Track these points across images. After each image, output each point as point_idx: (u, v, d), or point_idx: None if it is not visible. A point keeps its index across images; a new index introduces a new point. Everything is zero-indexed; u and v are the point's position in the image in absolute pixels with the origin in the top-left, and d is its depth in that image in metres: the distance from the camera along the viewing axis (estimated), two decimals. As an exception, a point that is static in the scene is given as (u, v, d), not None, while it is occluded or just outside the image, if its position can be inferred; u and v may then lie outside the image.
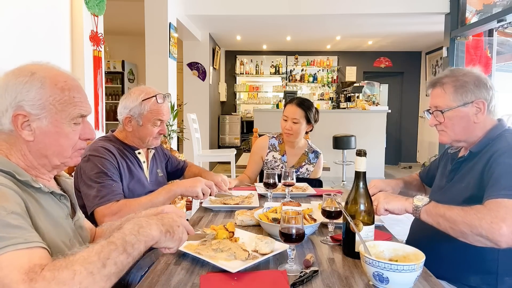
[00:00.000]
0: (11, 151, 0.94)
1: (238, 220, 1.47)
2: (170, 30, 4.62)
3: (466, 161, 1.40)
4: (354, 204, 1.18)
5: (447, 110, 1.37)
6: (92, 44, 2.75)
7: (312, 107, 2.40)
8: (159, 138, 1.78)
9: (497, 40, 4.84)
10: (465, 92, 1.34)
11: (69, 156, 0.99)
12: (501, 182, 1.16)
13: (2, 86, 0.91)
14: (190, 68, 6.77)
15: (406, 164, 8.47)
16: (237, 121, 8.76)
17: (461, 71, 1.39)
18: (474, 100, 1.34)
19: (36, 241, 0.78)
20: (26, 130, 0.92)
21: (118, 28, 6.99)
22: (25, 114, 0.91)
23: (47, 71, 0.94)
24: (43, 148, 0.94)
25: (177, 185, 1.65)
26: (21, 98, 0.90)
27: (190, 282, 0.99)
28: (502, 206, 1.09)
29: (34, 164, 0.96)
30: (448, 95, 1.37)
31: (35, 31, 2.24)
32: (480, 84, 1.35)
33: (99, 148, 1.62)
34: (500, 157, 1.23)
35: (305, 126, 2.37)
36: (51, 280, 0.70)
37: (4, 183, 0.84)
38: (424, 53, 8.39)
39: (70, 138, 0.97)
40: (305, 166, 2.48)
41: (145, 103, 1.67)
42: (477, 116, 1.35)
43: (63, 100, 0.94)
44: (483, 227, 1.08)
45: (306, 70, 9.02)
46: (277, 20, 5.86)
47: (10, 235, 0.74)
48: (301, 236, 1.08)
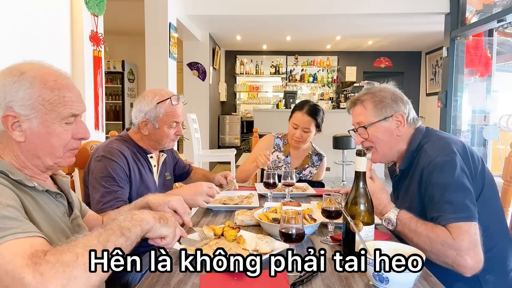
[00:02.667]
0: (4, 152, 0.93)
1: (238, 220, 1.47)
2: (170, 30, 4.62)
3: (400, 180, 1.46)
4: (354, 204, 1.18)
5: (369, 125, 1.42)
6: (92, 44, 2.75)
7: (321, 112, 2.36)
8: (176, 140, 1.77)
9: (497, 40, 4.84)
10: (383, 107, 1.41)
11: (61, 156, 0.98)
12: (445, 208, 1.20)
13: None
14: (190, 68, 6.77)
15: (406, 164, 8.46)
16: (237, 121, 8.76)
17: (377, 88, 1.46)
18: (393, 114, 1.40)
19: (35, 231, 0.78)
20: (17, 131, 0.91)
21: (118, 28, 6.99)
22: (14, 115, 0.89)
23: (37, 70, 0.92)
24: (35, 149, 0.93)
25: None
26: (10, 98, 0.88)
27: (190, 282, 0.99)
28: (464, 233, 1.14)
29: (27, 164, 0.95)
30: (369, 111, 1.42)
31: (35, 32, 2.24)
32: (396, 98, 1.42)
33: (113, 150, 1.60)
34: (431, 177, 1.26)
35: (314, 132, 2.36)
36: (55, 263, 0.71)
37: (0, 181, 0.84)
38: (424, 53, 8.39)
39: (61, 138, 0.95)
40: (308, 169, 2.47)
41: (160, 106, 1.65)
42: (399, 129, 1.41)
43: (53, 100, 0.92)
44: (449, 258, 1.14)
45: (306, 70, 9.02)
46: (277, 20, 5.86)
47: (8, 226, 0.75)
48: (301, 236, 1.08)
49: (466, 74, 5.09)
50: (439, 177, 1.24)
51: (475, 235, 1.14)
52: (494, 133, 4.64)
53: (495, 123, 4.77)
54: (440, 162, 1.25)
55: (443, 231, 1.17)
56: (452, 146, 1.29)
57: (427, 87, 8.25)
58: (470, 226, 1.15)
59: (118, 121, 7.55)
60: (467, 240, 1.13)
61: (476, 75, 5.08)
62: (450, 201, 1.20)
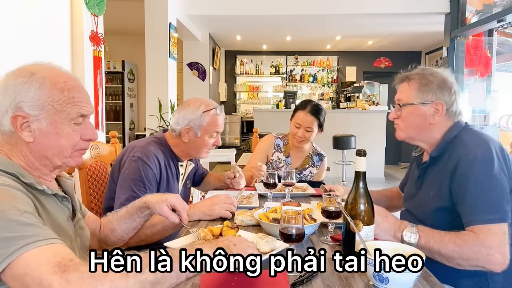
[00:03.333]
0: (13, 152, 0.94)
1: (238, 220, 1.46)
2: (170, 30, 4.62)
3: (429, 167, 1.43)
4: (354, 204, 1.18)
5: (406, 104, 1.40)
6: (92, 44, 2.75)
7: (323, 111, 2.38)
8: (211, 150, 1.79)
9: (497, 40, 4.84)
10: (427, 91, 1.37)
11: (70, 156, 0.98)
12: (480, 205, 1.19)
13: (2, 86, 0.91)
14: (190, 68, 6.77)
15: (406, 164, 8.45)
16: (237, 121, 8.76)
17: (429, 71, 1.42)
18: (434, 101, 1.37)
19: (54, 237, 0.78)
20: (26, 131, 0.92)
21: (118, 28, 6.99)
22: (24, 115, 0.90)
23: (47, 71, 0.94)
24: (43, 149, 0.94)
25: (193, 209, 1.53)
26: (20, 99, 0.89)
27: (190, 282, 0.99)
28: (493, 234, 1.15)
29: (35, 165, 0.96)
30: (412, 91, 1.40)
31: (35, 32, 2.24)
32: (444, 86, 1.37)
33: (150, 154, 1.60)
34: (468, 170, 1.23)
35: (316, 131, 2.37)
36: (84, 273, 0.71)
37: (12, 185, 0.84)
38: (424, 53, 8.39)
39: (70, 138, 0.96)
40: (308, 169, 2.47)
41: (205, 115, 1.67)
42: (434, 118, 1.37)
43: (62, 101, 0.93)
44: (480, 260, 1.14)
45: (306, 70, 9.02)
46: (277, 20, 5.86)
47: (28, 233, 0.75)
48: (301, 236, 1.07)
49: (466, 74, 5.09)
50: (478, 172, 1.22)
51: (504, 235, 1.16)
52: (494, 133, 4.64)
53: (495, 123, 4.76)
54: (481, 157, 1.23)
55: (469, 235, 1.17)
56: (490, 143, 1.27)
57: (427, 87, 8.24)
58: (500, 227, 1.16)
59: (118, 121, 7.55)
60: (497, 240, 1.14)
61: (476, 75, 5.08)
62: (486, 199, 1.19)
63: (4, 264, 0.72)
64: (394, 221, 1.26)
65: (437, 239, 1.20)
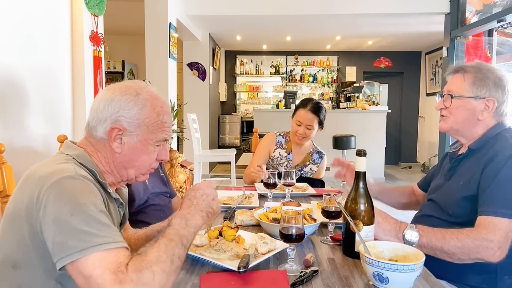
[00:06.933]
0: (95, 154, 1.00)
1: (238, 220, 1.47)
2: (170, 30, 4.62)
3: (465, 158, 1.42)
4: (354, 204, 1.18)
5: (457, 96, 1.38)
6: (92, 44, 2.75)
7: (324, 109, 2.44)
8: None
9: (497, 40, 4.84)
10: (482, 85, 1.35)
11: (144, 173, 1.07)
12: (499, 197, 1.20)
13: (108, 98, 0.99)
14: (190, 68, 6.77)
15: (406, 164, 8.46)
16: (237, 121, 8.76)
17: (487, 66, 1.40)
18: (487, 97, 1.35)
19: (122, 241, 0.82)
20: (117, 142, 0.99)
21: (118, 28, 6.99)
22: (121, 128, 0.98)
23: (149, 93, 1.02)
24: (127, 161, 1.02)
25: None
26: (122, 114, 0.98)
27: (190, 282, 0.99)
28: (498, 229, 1.16)
29: (114, 172, 1.03)
30: (465, 84, 1.37)
31: (35, 32, 2.24)
32: (499, 84, 1.36)
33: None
34: (502, 164, 1.23)
35: (317, 129, 2.44)
36: (137, 282, 0.75)
37: (92, 181, 0.90)
38: (424, 53, 8.39)
39: (150, 157, 1.04)
40: (309, 166, 2.52)
41: None
42: (483, 114, 1.36)
43: (156, 124, 1.01)
44: (481, 253, 1.16)
45: (306, 70, 9.02)
46: (277, 20, 5.86)
47: (102, 233, 0.80)
48: (301, 236, 1.08)
49: (466, 74, 5.07)
50: (509, 168, 1.22)
51: (509, 233, 1.17)
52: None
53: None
54: None
55: (471, 230, 1.19)
56: None
57: (427, 87, 8.25)
58: (508, 224, 1.17)
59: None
60: (499, 235, 1.16)
61: (476, 75, 5.07)
62: (506, 193, 1.19)
63: (75, 257, 0.77)
64: (394, 222, 1.26)
65: (438, 236, 1.20)
